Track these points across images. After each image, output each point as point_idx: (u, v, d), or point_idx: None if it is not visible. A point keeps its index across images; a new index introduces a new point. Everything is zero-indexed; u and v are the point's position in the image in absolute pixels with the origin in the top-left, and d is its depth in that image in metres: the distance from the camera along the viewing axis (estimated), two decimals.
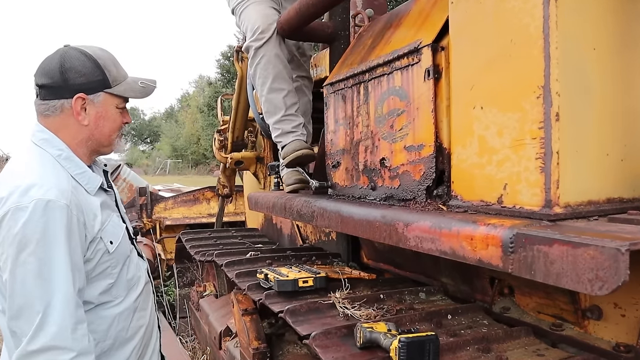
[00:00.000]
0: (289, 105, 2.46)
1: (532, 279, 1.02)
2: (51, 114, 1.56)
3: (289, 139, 2.43)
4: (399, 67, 1.61)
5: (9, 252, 1.37)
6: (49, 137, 1.56)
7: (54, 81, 1.53)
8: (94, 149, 1.66)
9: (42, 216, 1.39)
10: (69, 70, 1.53)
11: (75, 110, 1.55)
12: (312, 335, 1.64)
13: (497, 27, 1.25)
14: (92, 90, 1.56)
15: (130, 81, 1.67)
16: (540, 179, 1.14)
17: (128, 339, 1.66)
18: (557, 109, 1.11)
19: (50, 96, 1.55)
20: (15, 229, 1.37)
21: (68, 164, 1.56)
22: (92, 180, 1.60)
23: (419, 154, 1.53)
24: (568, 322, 1.73)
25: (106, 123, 1.63)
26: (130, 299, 1.67)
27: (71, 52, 1.57)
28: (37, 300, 1.37)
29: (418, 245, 1.36)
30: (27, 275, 1.37)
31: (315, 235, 3.68)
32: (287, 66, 2.49)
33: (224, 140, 4.51)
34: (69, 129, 1.58)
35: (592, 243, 0.90)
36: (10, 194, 1.40)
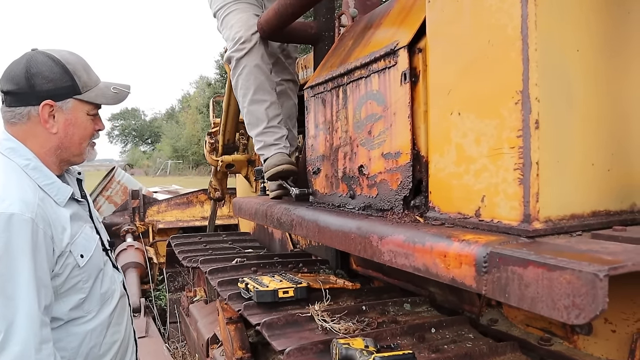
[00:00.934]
0: (272, 117, 2.38)
1: (506, 303, 0.93)
2: (17, 121, 1.50)
3: (271, 151, 2.36)
4: (376, 69, 1.53)
5: None
6: (15, 146, 1.50)
7: (19, 87, 1.47)
8: (64, 158, 1.59)
9: (4, 230, 1.33)
10: (35, 75, 1.47)
11: (42, 117, 1.49)
12: (286, 351, 1.57)
13: (474, 28, 1.16)
14: (60, 96, 1.50)
15: (102, 86, 1.61)
16: (518, 191, 1.05)
17: (101, 355, 1.60)
18: (537, 115, 1.02)
19: (16, 103, 1.49)
20: None
21: (36, 175, 1.49)
22: (61, 191, 1.54)
23: (396, 162, 1.45)
24: (557, 337, 1.65)
25: (76, 131, 1.57)
26: (104, 313, 1.60)
27: (38, 57, 1.51)
28: (0, 319, 1.31)
29: (392, 260, 1.28)
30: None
31: (305, 241, 3.60)
32: (269, 77, 2.41)
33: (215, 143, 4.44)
34: (37, 137, 1.51)
35: (569, 266, 0.81)
36: None
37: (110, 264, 1.71)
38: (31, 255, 1.36)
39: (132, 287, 4.99)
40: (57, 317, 1.48)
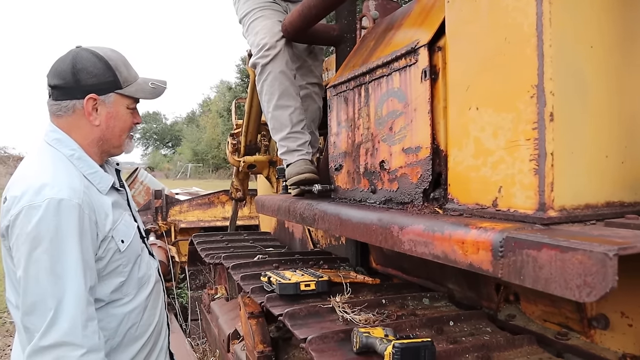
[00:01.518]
0: (295, 122, 2.44)
1: (522, 285, 0.98)
2: (63, 114, 1.58)
3: (294, 157, 2.41)
4: (397, 68, 1.58)
5: (23, 250, 1.39)
6: (61, 137, 1.57)
7: (66, 82, 1.55)
8: (105, 150, 1.66)
9: (54, 215, 1.40)
10: (81, 71, 1.55)
11: (86, 110, 1.57)
12: (308, 339, 1.62)
13: (491, 26, 1.22)
14: (103, 91, 1.58)
15: (141, 82, 1.68)
16: (534, 181, 1.10)
17: (137, 336, 1.66)
18: (552, 108, 1.07)
19: (63, 97, 1.56)
20: (29, 227, 1.38)
21: (80, 164, 1.57)
22: (104, 179, 1.61)
23: (416, 156, 1.50)
24: (574, 331, 1.67)
25: (117, 123, 1.64)
26: (141, 297, 1.68)
27: (83, 54, 1.58)
28: (50, 297, 1.39)
29: (412, 249, 1.33)
30: (40, 273, 1.38)
31: (325, 240, 3.66)
32: (293, 83, 2.47)
33: (237, 144, 4.52)
34: (80, 129, 1.59)
35: (581, 247, 0.86)
36: (24, 193, 1.42)
37: (146, 251, 1.78)
38: (78, 239, 1.43)
39: None
40: (99, 298, 1.55)
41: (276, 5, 2.59)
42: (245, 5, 2.56)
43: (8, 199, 1.45)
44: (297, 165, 2.35)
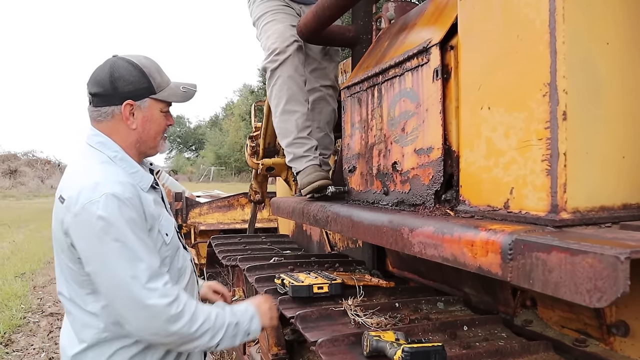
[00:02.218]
0: (301, 128, 2.44)
1: (531, 289, 0.95)
2: (103, 119, 1.68)
3: (302, 164, 2.41)
4: (409, 68, 1.56)
5: (92, 244, 1.49)
6: (104, 141, 1.67)
7: (104, 89, 1.65)
8: (142, 151, 1.76)
9: (113, 207, 1.49)
10: (118, 79, 1.65)
11: (124, 115, 1.66)
12: (318, 341, 1.61)
13: (504, 24, 1.19)
14: (139, 96, 1.67)
15: (173, 86, 1.77)
16: (546, 182, 1.07)
17: None
18: (564, 107, 1.04)
19: (102, 103, 1.66)
20: (93, 222, 1.48)
21: (123, 164, 1.67)
22: (144, 178, 1.71)
23: (428, 157, 1.48)
24: (593, 338, 1.62)
25: (152, 126, 1.73)
26: (180, 286, 1.75)
27: (119, 62, 1.68)
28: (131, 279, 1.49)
29: (422, 251, 1.31)
30: (114, 259, 1.49)
31: (343, 243, 3.64)
32: (302, 88, 2.47)
33: (256, 147, 4.53)
34: (120, 132, 1.69)
35: (591, 250, 0.83)
36: (80, 192, 1.51)
37: (181, 244, 1.87)
38: (137, 229, 1.53)
39: None
40: None
41: (289, 8, 2.60)
42: (259, 9, 2.58)
43: (66, 199, 1.54)
44: (307, 173, 2.35)
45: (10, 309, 6.03)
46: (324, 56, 2.79)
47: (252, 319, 1.75)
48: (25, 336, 5.25)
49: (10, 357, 4.66)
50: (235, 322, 1.69)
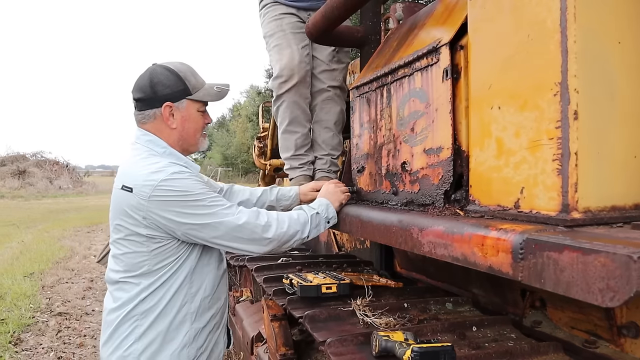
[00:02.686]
0: (299, 146, 2.77)
1: (542, 288, 0.95)
2: (147, 121, 1.87)
3: (295, 174, 2.78)
4: (418, 67, 1.56)
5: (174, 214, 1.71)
6: (152, 139, 1.86)
7: (146, 94, 1.84)
8: (184, 148, 1.93)
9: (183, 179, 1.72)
10: (157, 84, 1.83)
11: (164, 116, 1.85)
12: (327, 341, 1.60)
13: (514, 23, 1.19)
14: (176, 98, 1.85)
15: (207, 87, 1.93)
16: (557, 181, 1.06)
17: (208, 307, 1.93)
18: (576, 106, 1.03)
19: (145, 107, 1.85)
20: (168, 195, 1.69)
21: (172, 158, 1.84)
22: (193, 167, 1.90)
23: (438, 157, 1.48)
24: (603, 340, 1.62)
25: (190, 124, 1.90)
26: (220, 270, 2.00)
27: (157, 69, 1.86)
28: (220, 218, 1.75)
29: (431, 251, 1.31)
30: (199, 214, 1.72)
31: (350, 243, 3.64)
32: (305, 111, 2.74)
33: (264, 147, 4.56)
34: (162, 132, 1.87)
35: (603, 249, 0.82)
36: (147, 176, 1.71)
37: None
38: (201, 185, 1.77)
39: None
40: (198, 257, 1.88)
41: (298, 23, 2.71)
42: (269, 27, 2.73)
43: (133, 187, 1.72)
44: (296, 182, 2.72)
45: (19, 309, 6.06)
46: (332, 58, 2.80)
47: (328, 207, 1.99)
48: (34, 335, 5.28)
49: (19, 357, 4.69)
50: (314, 212, 1.94)
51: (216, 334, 2.02)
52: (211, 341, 1.98)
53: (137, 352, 1.78)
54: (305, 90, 2.70)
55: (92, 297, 6.73)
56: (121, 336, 1.79)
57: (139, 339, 1.78)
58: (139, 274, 1.79)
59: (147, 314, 1.79)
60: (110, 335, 1.82)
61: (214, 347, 2.01)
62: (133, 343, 1.78)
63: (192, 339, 1.86)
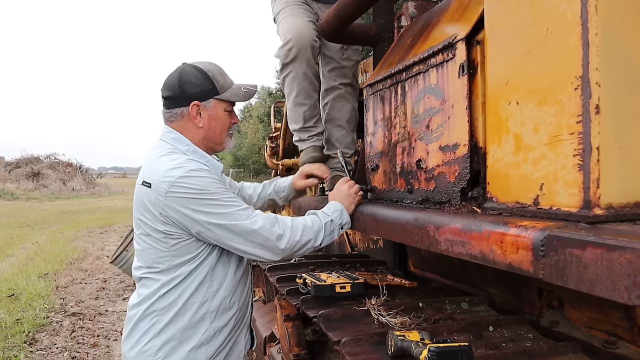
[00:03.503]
0: (308, 118, 2.69)
1: (565, 286, 0.92)
2: (175, 119, 1.89)
3: (305, 145, 2.72)
4: (434, 64, 1.54)
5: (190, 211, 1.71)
6: (177, 137, 1.88)
7: (174, 93, 1.86)
8: (210, 147, 1.95)
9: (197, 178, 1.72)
10: (186, 83, 1.84)
11: (192, 115, 1.86)
12: (342, 341, 1.59)
13: (533, 16, 1.16)
14: (204, 97, 1.87)
15: (235, 87, 1.94)
16: (578, 177, 1.04)
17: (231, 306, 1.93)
18: (597, 100, 1.01)
19: (173, 105, 1.88)
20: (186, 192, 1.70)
21: (195, 156, 1.86)
22: (216, 166, 1.92)
23: (454, 154, 1.46)
24: (623, 340, 1.59)
25: (217, 124, 1.91)
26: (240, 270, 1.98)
27: (187, 68, 1.88)
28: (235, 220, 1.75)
29: (448, 249, 1.29)
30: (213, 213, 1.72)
31: (363, 243, 3.62)
32: (312, 82, 2.65)
33: (276, 147, 4.55)
34: (189, 130, 1.89)
35: (629, 246, 0.80)
36: (165, 174, 1.72)
37: None
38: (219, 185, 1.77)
39: None
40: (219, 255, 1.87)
41: (307, 6, 2.68)
42: (279, 4, 2.67)
43: (152, 183, 1.74)
44: (305, 153, 2.68)
45: (34, 309, 6.12)
46: (342, 55, 2.78)
47: (342, 213, 1.96)
48: (48, 335, 5.32)
49: (34, 356, 4.73)
50: (329, 220, 1.91)
51: (237, 334, 2.01)
52: (231, 340, 1.97)
53: (156, 347, 1.79)
54: (313, 59, 2.60)
55: (105, 298, 6.77)
56: (141, 331, 1.81)
57: (157, 334, 1.79)
58: (159, 270, 1.80)
59: (167, 310, 1.80)
60: (131, 331, 1.83)
61: (234, 347, 2.00)
62: (152, 339, 1.79)
63: (211, 338, 1.86)
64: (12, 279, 7.63)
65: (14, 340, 5.05)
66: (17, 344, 4.97)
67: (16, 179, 30.66)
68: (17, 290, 6.97)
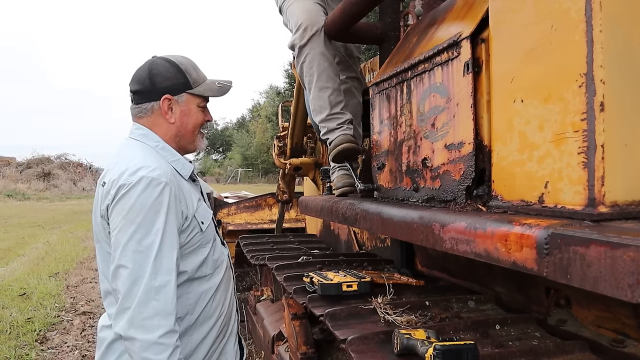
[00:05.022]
0: (334, 103, 2.44)
1: (568, 284, 0.92)
2: (144, 115, 1.77)
3: (335, 135, 2.41)
4: (439, 62, 1.54)
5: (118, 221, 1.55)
6: (146, 133, 1.76)
7: (144, 86, 1.74)
8: (182, 145, 1.83)
9: (147, 191, 1.56)
10: (156, 75, 1.73)
11: (163, 109, 1.75)
12: (348, 339, 1.59)
13: (537, 14, 1.16)
14: (176, 91, 1.75)
15: (209, 82, 1.84)
16: (583, 175, 1.04)
17: (210, 315, 1.78)
18: (602, 98, 1.01)
19: (142, 100, 1.76)
20: (126, 202, 1.55)
21: (164, 153, 1.75)
22: (185, 166, 1.80)
23: (459, 152, 1.46)
24: (631, 339, 1.57)
25: (190, 120, 1.80)
26: (216, 278, 1.81)
27: (157, 61, 1.78)
28: (138, 267, 1.52)
29: (453, 247, 1.29)
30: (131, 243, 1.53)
31: (371, 242, 3.62)
32: (332, 64, 2.45)
33: (283, 146, 4.56)
34: (160, 126, 1.77)
35: (633, 244, 0.80)
36: (121, 174, 1.59)
37: (219, 238, 1.91)
38: (167, 213, 1.58)
39: None
40: (185, 271, 1.69)
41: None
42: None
43: (107, 183, 1.61)
44: (337, 139, 2.37)
45: (45, 308, 6.17)
46: (345, 51, 2.76)
47: None
48: (59, 334, 5.37)
49: (45, 355, 4.77)
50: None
51: (221, 345, 1.87)
52: (215, 352, 1.83)
53: None
54: (328, 41, 2.42)
55: None
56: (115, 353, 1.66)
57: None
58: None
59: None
60: (104, 354, 1.68)
61: (221, 358, 1.87)
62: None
63: (193, 352, 1.72)
64: (23, 278, 7.71)
65: (26, 338, 5.11)
66: (28, 342, 5.02)
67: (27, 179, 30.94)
68: (28, 289, 7.04)
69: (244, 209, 6.45)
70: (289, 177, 4.89)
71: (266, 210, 6.49)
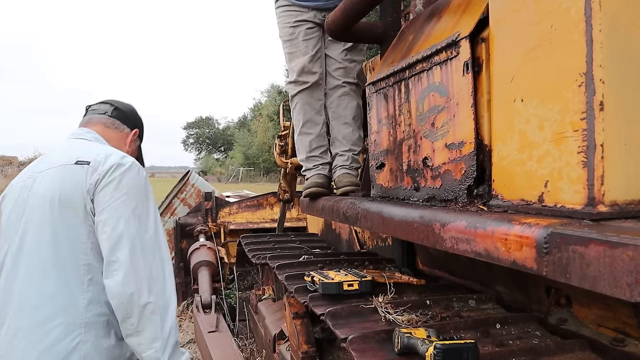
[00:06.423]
0: (314, 148, 2.85)
1: (568, 283, 0.93)
2: (112, 128, 1.96)
3: (310, 174, 2.85)
4: (437, 61, 1.54)
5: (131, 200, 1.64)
6: (99, 138, 1.90)
7: (128, 113, 2.04)
8: None
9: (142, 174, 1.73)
10: (138, 117, 2.10)
11: (130, 138, 2.02)
12: (348, 338, 1.60)
13: (537, 14, 1.16)
14: (141, 136, 2.10)
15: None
16: (582, 174, 1.04)
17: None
18: (602, 97, 1.01)
19: (120, 119, 1.99)
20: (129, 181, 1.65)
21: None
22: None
23: (460, 151, 1.46)
24: (632, 338, 1.58)
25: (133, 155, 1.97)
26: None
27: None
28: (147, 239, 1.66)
29: (454, 246, 1.29)
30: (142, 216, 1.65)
31: (372, 241, 3.62)
32: (318, 111, 2.82)
33: (285, 146, 4.55)
34: (116, 144, 1.92)
35: (632, 243, 0.80)
36: (107, 155, 1.68)
37: None
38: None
39: (204, 284, 5.17)
40: None
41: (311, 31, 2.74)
42: (283, 32, 2.80)
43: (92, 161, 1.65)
44: (309, 183, 2.80)
45: None
46: (345, 56, 2.80)
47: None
48: None
49: None
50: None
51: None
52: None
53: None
54: (319, 92, 2.79)
55: None
56: None
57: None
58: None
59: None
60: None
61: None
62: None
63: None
64: None
65: None
66: None
67: None
68: None
69: (246, 208, 6.46)
70: (290, 177, 4.89)
71: (267, 209, 6.49)
